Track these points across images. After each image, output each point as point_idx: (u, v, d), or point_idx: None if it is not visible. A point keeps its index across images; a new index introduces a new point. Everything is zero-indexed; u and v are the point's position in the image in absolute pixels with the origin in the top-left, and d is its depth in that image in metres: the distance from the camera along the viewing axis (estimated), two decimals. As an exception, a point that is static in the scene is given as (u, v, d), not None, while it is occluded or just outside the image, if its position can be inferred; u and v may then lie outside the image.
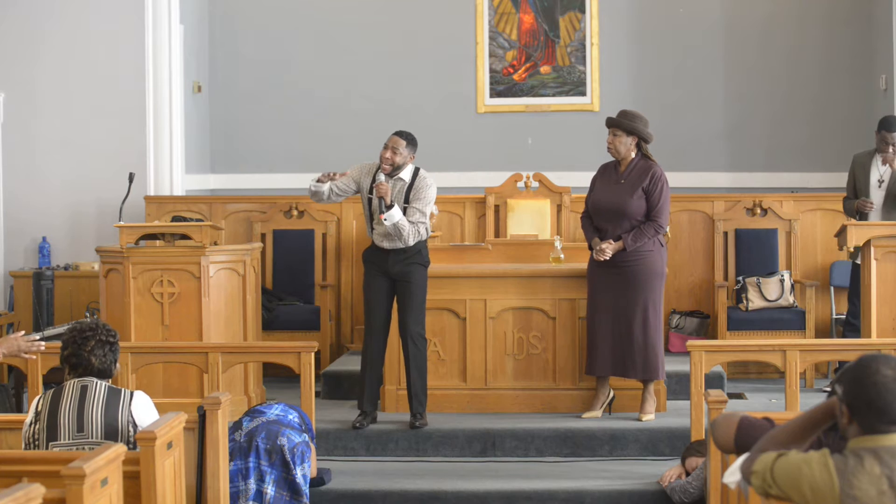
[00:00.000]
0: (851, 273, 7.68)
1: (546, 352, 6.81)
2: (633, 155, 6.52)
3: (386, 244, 6.44)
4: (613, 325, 6.46)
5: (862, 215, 7.34)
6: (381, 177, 6.41)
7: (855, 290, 7.53)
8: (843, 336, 7.54)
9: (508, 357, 6.83)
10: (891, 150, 7.30)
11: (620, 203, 6.46)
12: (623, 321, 6.45)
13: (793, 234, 8.48)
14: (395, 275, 6.44)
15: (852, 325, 7.53)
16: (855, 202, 7.41)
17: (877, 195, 7.36)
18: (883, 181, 7.37)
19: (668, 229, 6.60)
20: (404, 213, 6.39)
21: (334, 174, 6.40)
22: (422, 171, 6.52)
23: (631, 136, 6.48)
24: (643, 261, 6.45)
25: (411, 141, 6.46)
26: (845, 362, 6.02)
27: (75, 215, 9.13)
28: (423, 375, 6.50)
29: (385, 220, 6.28)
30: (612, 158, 6.59)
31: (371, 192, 6.45)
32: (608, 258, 6.40)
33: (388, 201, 6.31)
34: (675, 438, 6.26)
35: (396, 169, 6.43)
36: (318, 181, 6.44)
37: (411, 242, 6.41)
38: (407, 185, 6.45)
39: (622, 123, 6.48)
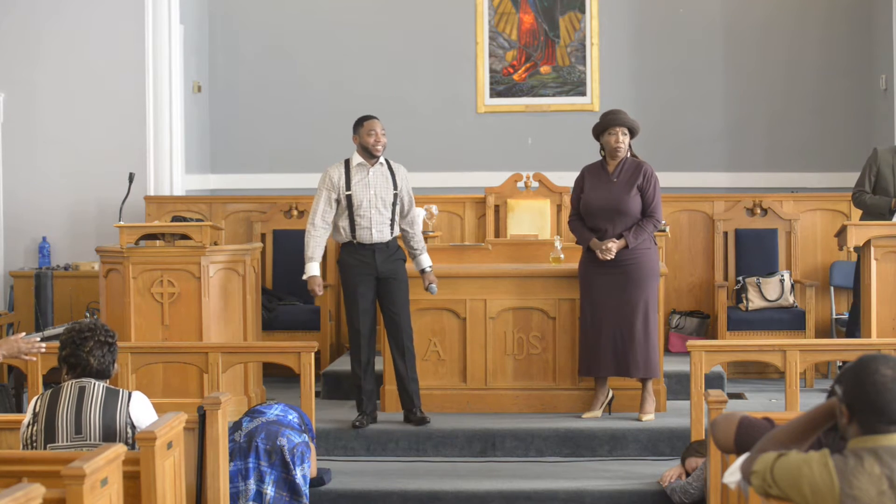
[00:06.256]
0: (856, 271, 7.50)
1: (546, 352, 6.81)
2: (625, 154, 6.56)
3: (374, 236, 6.44)
4: (614, 325, 6.46)
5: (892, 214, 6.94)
6: (370, 174, 6.45)
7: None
8: (847, 335, 7.46)
9: (508, 357, 6.83)
10: None
11: (618, 202, 6.47)
12: (624, 320, 6.44)
13: (793, 234, 8.47)
14: (383, 273, 6.46)
15: (855, 323, 7.47)
16: (890, 199, 6.97)
17: None
18: None
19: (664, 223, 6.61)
20: (405, 213, 6.58)
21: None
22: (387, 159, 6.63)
23: (631, 136, 6.52)
24: (640, 259, 6.46)
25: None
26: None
27: (75, 215, 9.12)
28: (415, 370, 6.56)
29: (433, 292, 6.59)
30: (596, 160, 6.63)
31: (349, 188, 6.46)
32: (613, 257, 6.41)
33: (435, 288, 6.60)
34: (675, 438, 6.26)
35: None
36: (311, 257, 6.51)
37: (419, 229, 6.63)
38: (386, 168, 6.54)
39: (632, 123, 6.53)
